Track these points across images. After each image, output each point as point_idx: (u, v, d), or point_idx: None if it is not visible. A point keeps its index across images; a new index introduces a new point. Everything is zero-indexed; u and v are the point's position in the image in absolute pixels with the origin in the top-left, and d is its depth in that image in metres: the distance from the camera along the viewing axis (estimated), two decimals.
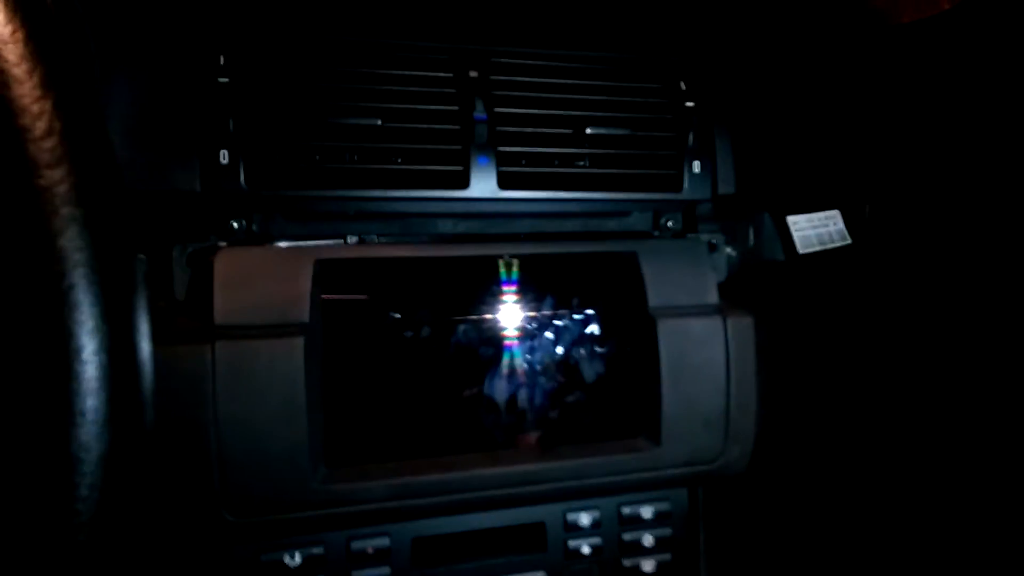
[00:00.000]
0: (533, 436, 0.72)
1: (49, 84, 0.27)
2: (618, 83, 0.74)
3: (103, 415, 0.27)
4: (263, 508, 0.62)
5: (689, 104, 0.76)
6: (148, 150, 0.63)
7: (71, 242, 0.27)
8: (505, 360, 0.72)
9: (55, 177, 0.27)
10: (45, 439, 0.26)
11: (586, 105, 0.72)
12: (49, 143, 0.27)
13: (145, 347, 0.30)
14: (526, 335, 0.72)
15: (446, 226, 0.76)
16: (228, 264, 0.63)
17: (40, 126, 0.27)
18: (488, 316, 0.72)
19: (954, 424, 0.65)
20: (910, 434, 0.69)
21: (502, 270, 0.72)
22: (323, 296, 0.66)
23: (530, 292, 0.73)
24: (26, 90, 0.27)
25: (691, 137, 0.75)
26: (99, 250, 0.28)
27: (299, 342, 0.62)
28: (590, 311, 0.74)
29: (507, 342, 0.72)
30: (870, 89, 0.72)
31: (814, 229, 0.80)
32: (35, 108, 0.27)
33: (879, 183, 0.73)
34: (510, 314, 0.72)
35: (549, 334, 0.73)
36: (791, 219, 0.79)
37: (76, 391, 0.27)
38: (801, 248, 0.78)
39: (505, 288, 0.72)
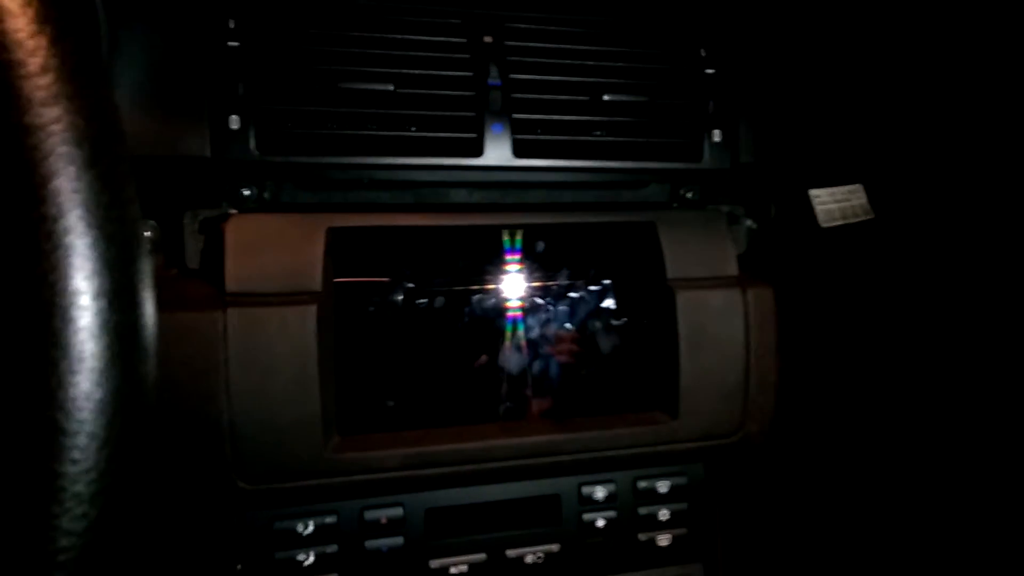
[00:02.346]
0: (548, 407, 0.72)
1: (45, 19, 0.26)
2: (636, 49, 0.72)
3: (104, 361, 0.27)
4: (275, 475, 0.62)
5: (709, 71, 0.74)
6: (158, 115, 0.62)
7: (68, 183, 0.26)
8: (520, 331, 0.71)
9: (51, 116, 0.26)
10: (42, 389, 0.25)
11: (603, 72, 0.71)
12: (44, 80, 0.26)
13: (148, 296, 0.30)
14: (542, 306, 0.71)
15: (460, 196, 0.75)
16: (240, 231, 0.63)
17: (35, 62, 0.26)
18: (503, 286, 0.71)
19: (978, 399, 0.64)
20: (932, 410, 0.68)
21: (517, 240, 0.71)
22: (335, 264, 0.65)
23: (546, 262, 0.72)
24: (20, 24, 0.26)
25: (711, 105, 0.73)
26: (97, 193, 0.27)
27: (311, 310, 0.61)
28: (607, 282, 0.73)
29: (523, 313, 0.71)
30: (896, 57, 0.70)
31: (837, 203, 0.78)
32: (30, 43, 0.26)
33: (904, 155, 0.71)
34: (526, 284, 0.71)
35: (565, 305, 0.72)
36: (813, 192, 0.77)
37: (74, 336, 0.26)
38: (823, 222, 0.77)
39: (520, 258, 0.71)
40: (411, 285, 0.68)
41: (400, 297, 0.68)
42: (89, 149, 0.27)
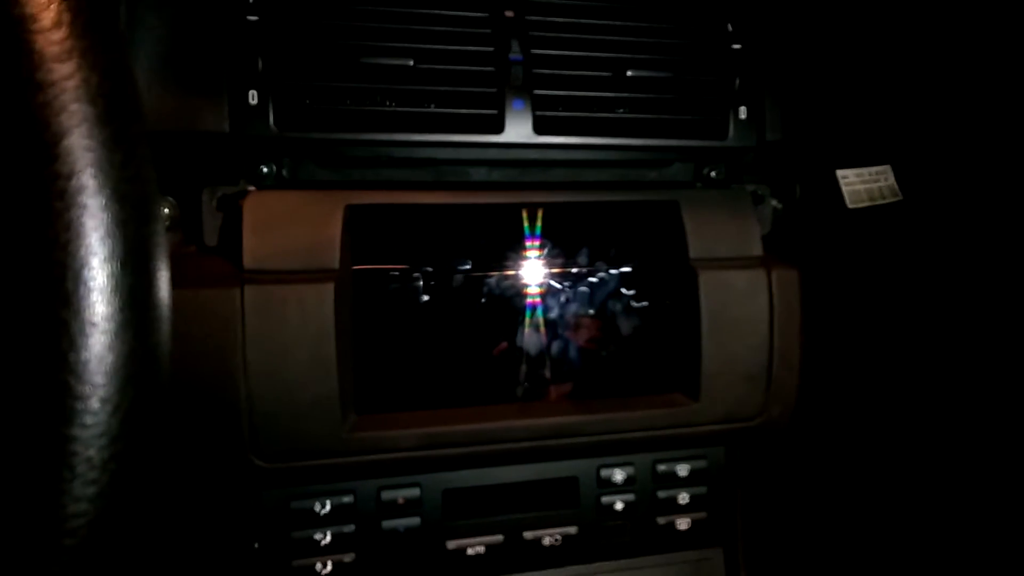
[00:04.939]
0: (567, 389, 0.71)
1: None
2: (661, 24, 0.70)
3: (117, 324, 0.26)
4: (292, 454, 0.62)
5: (736, 47, 0.72)
6: (176, 90, 0.61)
7: (81, 140, 0.25)
8: (539, 311, 0.70)
9: (64, 72, 0.25)
10: (53, 351, 0.25)
11: (627, 47, 0.69)
12: (57, 35, 0.25)
13: (162, 258, 0.29)
14: (562, 285, 0.70)
15: (479, 174, 0.74)
16: (258, 208, 0.62)
17: (48, 16, 0.25)
18: (523, 265, 0.70)
19: (1005, 384, 0.62)
20: (958, 397, 0.66)
21: (537, 219, 0.70)
22: (354, 242, 0.65)
23: (566, 241, 0.71)
24: None
25: (737, 81, 0.72)
26: (111, 151, 0.26)
27: (329, 288, 0.61)
28: (628, 262, 0.72)
29: (542, 292, 0.70)
30: (927, 33, 0.68)
31: (864, 184, 0.76)
32: None
33: (934, 136, 0.69)
34: (545, 264, 0.70)
35: (585, 285, 0.71)
36: (840, 173, 0.76)
37: (86, 298, 0.25)
38: (850, 203, 0.75)
39: (541, 237, 0.70)
40: (429, 263, 0.67)
41: (418, 276, 0.67)
42: (103, 106, 0.26)
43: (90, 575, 0.26)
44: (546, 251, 0.70)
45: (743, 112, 0.72)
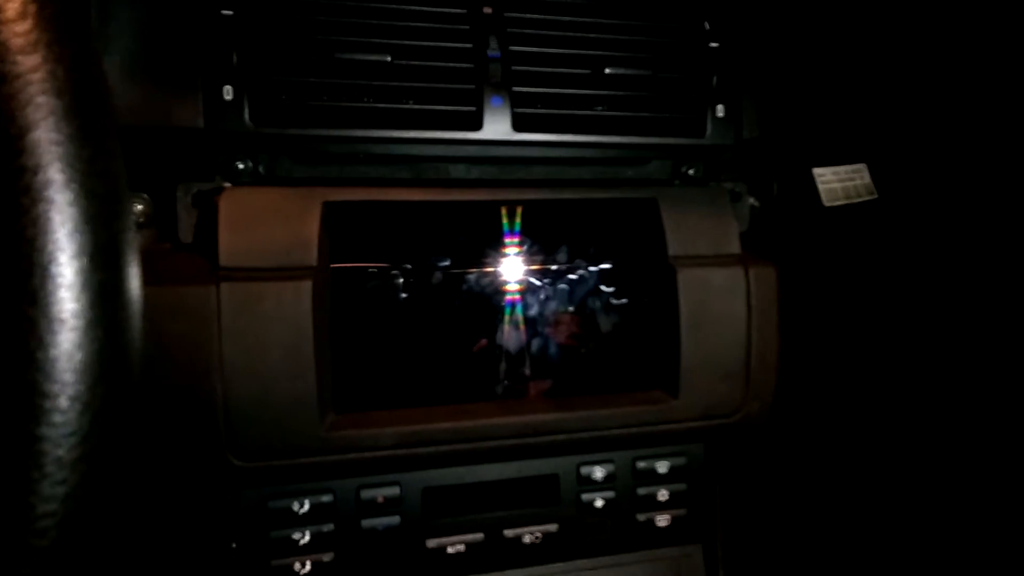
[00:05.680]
0: (547, 386, 0.71)
1: None
2: (639, 22, 0.70)
3: (86, 321, 0.25)
4: (269, 453, 0.61)
5: (713, 45, 0.72)
6: (150, 85, 0.60)
7: (48, 134, 0.25)
8: (519, 308, 0.70)
9: (29, 64, 0.25)
10: (21, 349, 0.24)
11: (605, 44, 0.69)
12: (23, 26, 0.25)
13: (132, 255, 0.28)
14: (541, 283, 0.70)
15: (458, 171, 0.73)
16: (234, 204, 0.62)
17: (12, 7, 0.25)
18: (502, 263, 0.70)
19: (980, 381, 0.63)
20: (933, 393, 0.67)
21: (516, 216, 0.70)
22: (331, 239, 0.64)
23: (545, 239, 0.71)
24: None
25: (715, 79, 0.72)
26: (79, 145, 0.26)
27: (307, 285, 0.60)
28: (607, 260, 0.72)
29: (521, 290, 0.70)
30: (902, 32, 0.68)
31: (840, 182, 0.77)
32: None
33: (910, 135, 0.70)
34: (525, 261, 0.70)
35: (564, 283, 0.71)
36: (817, 171, 0.76)
37: (54, 295, 0.25)
38: (827, 201, 0.76)
39: (519, 235, 0.70)
40: (408, 261, 0.67)
41: (397, 273, 0.67)
42: (70, 99, 0.26)
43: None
44: (525, 249, 0.70)
45: (720, 110, 0.72)
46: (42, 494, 0.25)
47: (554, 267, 0.71)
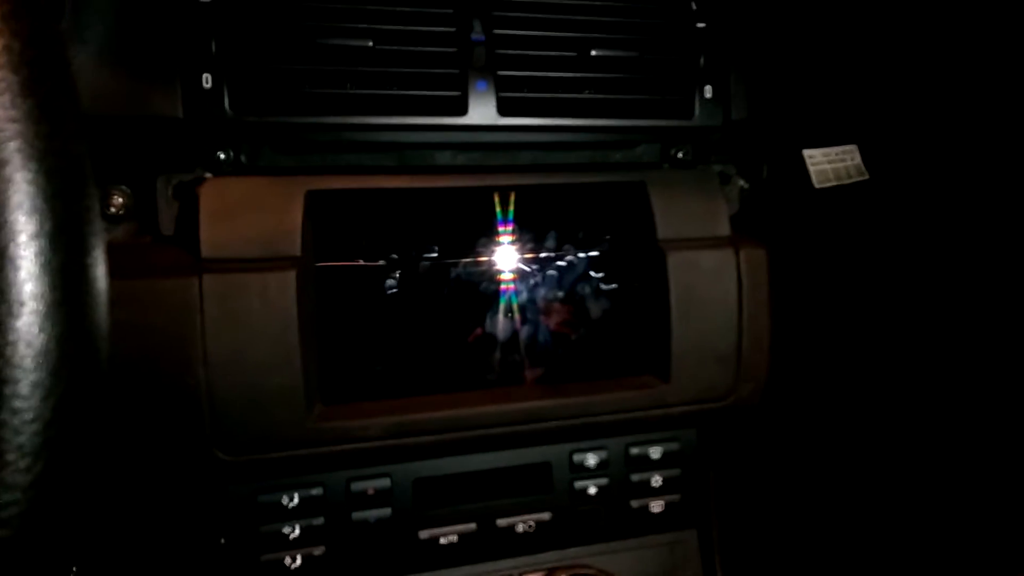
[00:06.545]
0: (537, 374, 0.70)
1: None
2: (625, 3, 0.69)
3: (46, 304, 0.25)
4: (256, 446, 0.60)
5: (700, 25, 0.71)
6: (127, 74, 0.59)
7: (3, 110, 0.24)
8: (508, 295, 0.69)
9: None
10: None
11: (591, 26, 0.68)
12: None
13: (95, 236, 0.27)
14: (530, 269, 0.70)
15: (444, 158, 0.73)
16: (215, 195, 0.61)
17: None
18: (490, 250, 0.69)
19: (972, 359, 0.62)
20: (925, 373, 0.67)
21: (504, 202, 0.69)
22: (315, 229, 0.63)
23: (534, 225, 0.70)
24: None
25: (702, 60, 0.71)
26: (36, 122, 0.25)
27: (290, 276, 0.59)
28: (596, 244, 0.71)
29: (510, 277, 0.69)
30: (891, 11, 0.68)
31: (830, 163, 0.76)
32: None
33: (900, 115, 0.70)
34: (513, 248, 0.69)
35: (554, 269, 0.70)
36: (807, 152, 0.76)
37: (12, 277, 0.24)
38: (817, 183, 0.75)
39: (507, 221, 0.69)
40: (394, 249, 0.66)
41: (383, 262, 0.66)
42: (27, 74, 0.25)
43: (25, 567, 0.25)
44: (513, 235, 0.69)
45: (709, 91, 0.71)
46: (4, 482, 0.24)
47: (543, 253, 0.70)
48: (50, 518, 0.26)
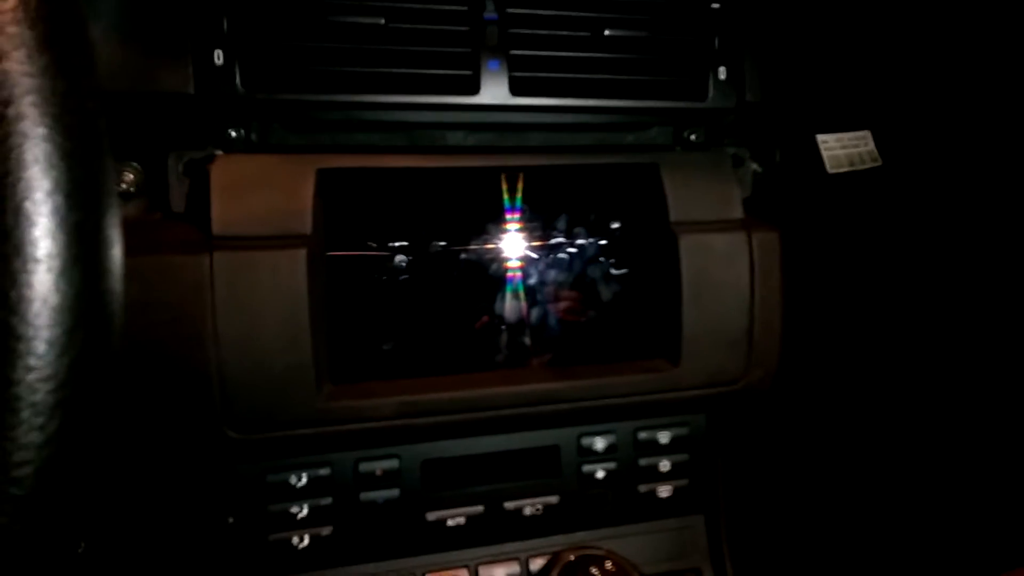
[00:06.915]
0: (547, 356, 0.70)
1: None
2: None
3: (62, 262, 0.24)
4: (266, 425, 0.60)
5: (715, 5, 0.70)
6: (139, 50, 0.59)
7: (18, 66, 0.24)
8: (519, 277, 0.69)
9: None
10: None
11: (604, 6, 0.67)
12: None
13: (110, 195, 0.27)
14: (541, 251, 0.69)
15: (455, 138, 0.72)
16: (226, 172, 0.61)
17: None
18: (501, 231, 0.68)
19: (985, 346, 0.62)
20: (938, 359, 0.66)
21: (515, 183, 0.69)
22: (326, 207, 0.63)
23: (545, 207, 0.70)
24: None
25: (716, 41, 0.70)
26: (53, 78, 0.25)
27: (301, 254, 0.59)
28: (608, 226, 0.71)
29: (521, 258, 0.69)
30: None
31: (844, 149, 0.76)
32: None
33: (914, 101, 0.69)
34: (524, 229, 0.69)
35: (564, 250, 0.70)
36: (820, 138, 0.75)
37: (28, 234, 0.23)
38: (830, 168, 0.74)
39: (518, 202, 0.69)
40: (404, 230, 0.66)
41: (393, 241, 0.66)
42: (44, 30, 0.25)
43: (38, 525, 0.25)
44: (524, 216, 0.69)
45: (722, 73, 0.71)
46: (18, 440, 0.23)
47: (553, 235, 0.70)
48: (65, 477, 0.25)
